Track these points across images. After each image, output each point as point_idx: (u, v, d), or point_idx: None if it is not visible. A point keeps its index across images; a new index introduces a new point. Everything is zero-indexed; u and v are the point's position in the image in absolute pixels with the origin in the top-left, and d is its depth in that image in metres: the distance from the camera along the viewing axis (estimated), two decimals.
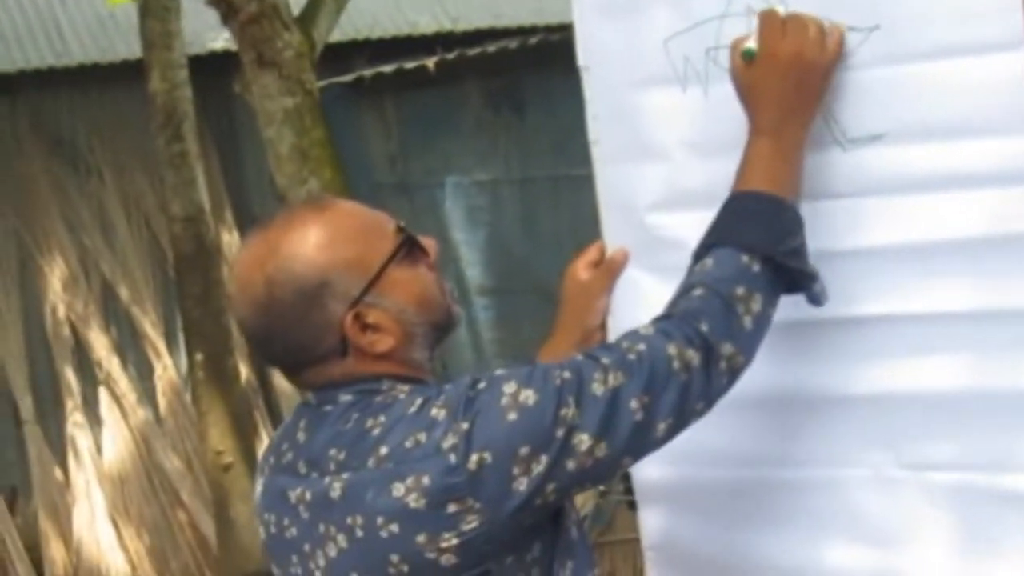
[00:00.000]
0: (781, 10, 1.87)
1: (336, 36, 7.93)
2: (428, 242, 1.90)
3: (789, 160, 1.86)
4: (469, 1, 10.84)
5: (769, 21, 1.86)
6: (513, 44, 8.23)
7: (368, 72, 8.36)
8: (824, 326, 1.94)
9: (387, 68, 8.31)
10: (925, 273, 1.86)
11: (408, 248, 1.86)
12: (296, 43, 5.93)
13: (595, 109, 2.15)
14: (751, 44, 1.86)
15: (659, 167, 2.06)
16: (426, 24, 10.54)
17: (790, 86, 1.83)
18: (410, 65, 8.19)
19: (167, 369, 8.05)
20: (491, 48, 8.14)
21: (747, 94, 1.88)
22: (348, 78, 8.32)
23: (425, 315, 1.86)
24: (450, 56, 8.03)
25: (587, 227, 2.19)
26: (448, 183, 8.46)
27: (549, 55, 7.72)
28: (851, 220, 1.90)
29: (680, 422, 1.78)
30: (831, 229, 1.91)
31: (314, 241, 1.81)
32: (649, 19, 2.04)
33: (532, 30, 8.88)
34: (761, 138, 1.85)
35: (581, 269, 2.16)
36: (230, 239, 8.12)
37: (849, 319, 1.92)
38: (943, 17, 1.79)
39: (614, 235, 2.15)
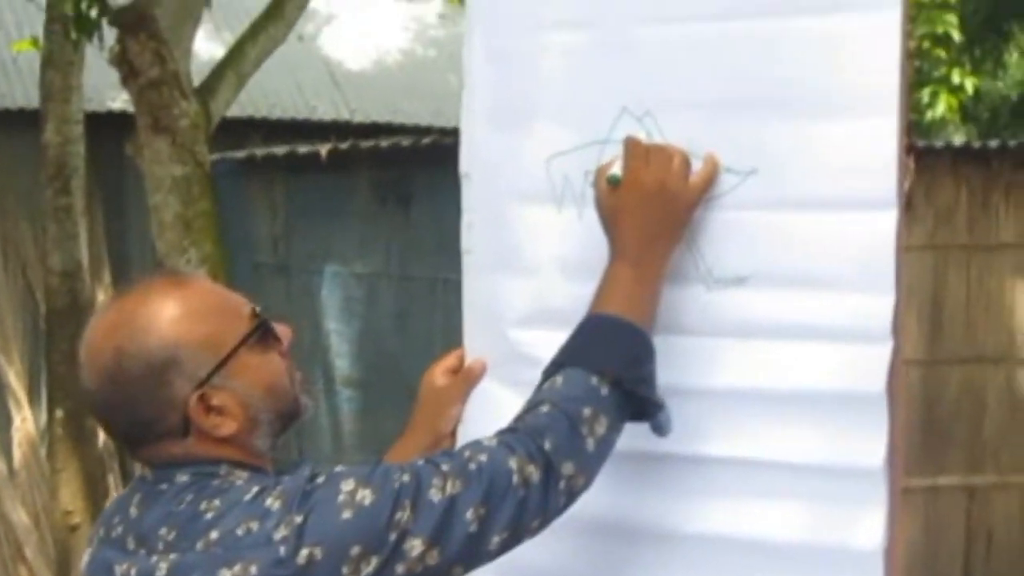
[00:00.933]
0: (644, 137, 1.90)
1: (234, 111, 7.95)
2: (283, 330, 1.88)
3: (647, 287, 1.87)
4: (370, 94, 10.95)
5: (634, 149, 1.88)
6: (406, 141, 8.28)
7: (260, 151, 8.36)
8: (668, 461, 1.94)
9: (280, 150, 8.32)
10: (772, 420, 1.87)
11: (262, 333, 1.84)
12: (193, 113, 5.94)
13: (471, 218, 2.16)
14: (616, 170, 1.88)
15: (527, 283, 2.07)
16: (324, 111, 10.60)
17: (652, 214, 1.86)
18: (303, 150, 8.21)
19: (26, 421, 7.94)
20: (384, 143, 8.18)
21: (610, 219, 1.90)
22: (240, 155, 8.32)
23: (272, 403, 1.84)
24: (343, 146, 8.05)
25: (459, 331, 2.19)
26: (327, 271, 8.45)
27: (441, 156, 7.74)
28: (706, 358, 1.92)
29: (514, 537, 1.78)
30: (685, 365, 1.92)
31: (168, 316, 1.79)
32: (535, 135, 2.06)
33: (427, 130, 8.95)
34: (621, 263, 1.87)
35: (438, 374, 2.16)
36: (105, 298, 8.02)
37: (693, 457, 1.93)
38: (822, 170, 1.83)
39: (476, 344, 2.15)
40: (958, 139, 14.65)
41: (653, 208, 1.86)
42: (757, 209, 1.87)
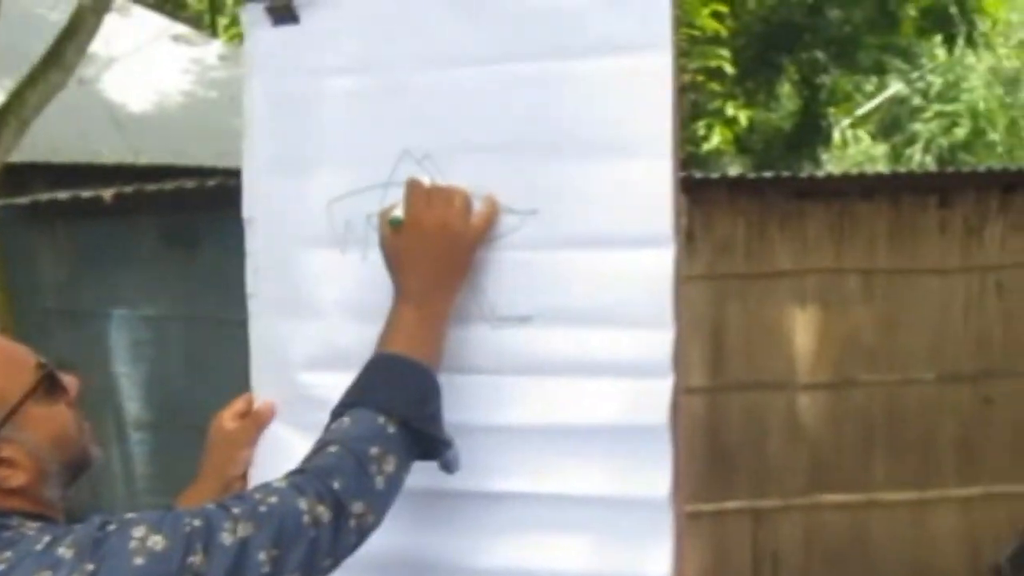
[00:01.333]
0: (426, 180, 1.92)
1: (17, 157, 7.79)
2: (70, 380, 1.86)
3: (431, 327, 1.90)
4: (153, 137, 10.81)
5: (415, 190, 1.91)
6: (191, 184, 8.20)
7: (44, 197, 8.21)
8: (458, 497, 1.97)
9: (63, 195, 8.18)
10: (559, 455, 1.91)
11: (48, 385, 1.82)
12: None
13: (255, 262, 2.15)
14: (398, 212, 1.91)
15: (313, 325, 2.08)
16: (108, 154, 10.43)
17: (435, 255, 1.89)
18: (87, 194, 8.08)
19: None
20: (168, 186, 8.09)
21: (393, 261, 1.92)
22: (24, 200, 8.15)
23: (60, 454, 1.83)
24: (128, 189, 7.94)
25: (248, 373, 2.18)
26: (115, 315, 8.32)
27: (226, 198, 7.68)
28: (493, 396, 1.95)
29: None
30: (473, 403, 1.95)
31: None
32: (317, 179, 2.07)
33: (212, 171, 8.87)
34: (405, 304, 1.90)
35: (227, 419, 2.16)
36: None
37: (482, 493, 1.96)
38: (599, 209, 1.87)
39: (264, 387, 2.15)
40: (734, 170, 15.02)
41: (435, 249, 1.89)
42: (538, 249, 1.91)
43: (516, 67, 1.92)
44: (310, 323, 2.08)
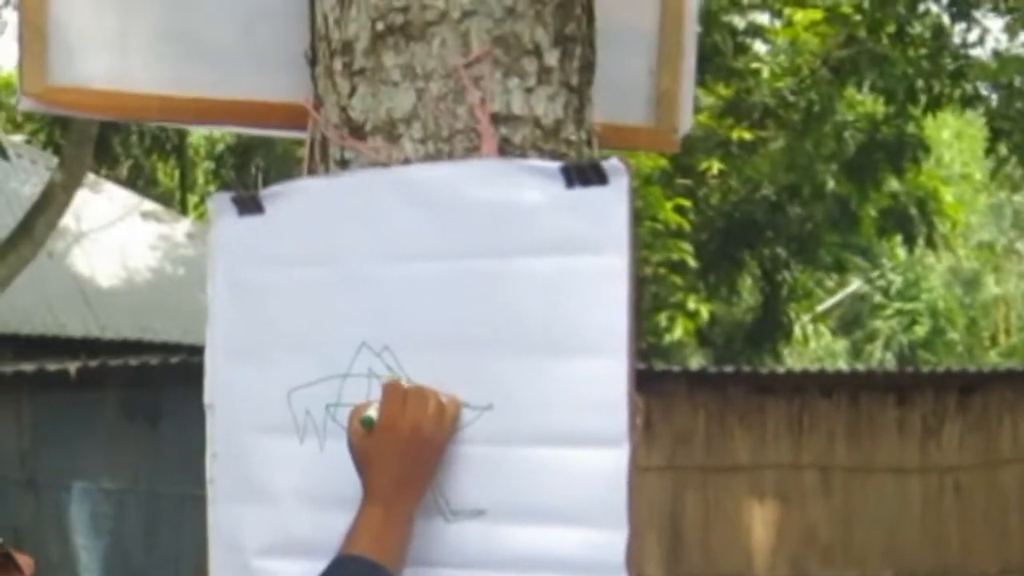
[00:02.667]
0: (404, 382, 1.93)
1: None
2: (24, 560, 1.86)
3: (397, 528, 1.90)
4: (120, 311, 10.86)
5: (392, 393, 1.91)
6: (155, 359, 8.22)
7: (8, 368, 8.23)
8: None
9: (28, 366, 8.19)
10: None
11: (2, 564, 1.82)
12: None
13: (215, 448, 2.15)
14: (372, 412, 1.91)
15: (268, 512, 2.07)
16: (74, 327, 10.46)
17: (406, 459, 1.89)
18: (52, 367, 8.09)
19: None
20: (133, 361, 8.11)
21: (363, 461, 1.92)
22: None
23: None
24: (92, 363, 7.96)
25: (207, 550, 2.17)
26: (75, 487, 8.28)
27: (190, 374, 7.70)
28: None
29: None
30: None
31: None
32: (276, 369, 2.08)
33: (177, 347, 8.90)
34: (373, 505, 1.90)
35: None
36: None
37: None
38: (554, 406, 1.88)
39: (220, 572, 2.13)
40: (695, 360, 15.10)
41: (407, 451, 1.89)
42: (493, 444, 1.91)
43: (474, 263, 1.94)
44: (266, 510, 2.08)
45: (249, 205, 2.11)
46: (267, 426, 2.09)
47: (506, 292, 1.92)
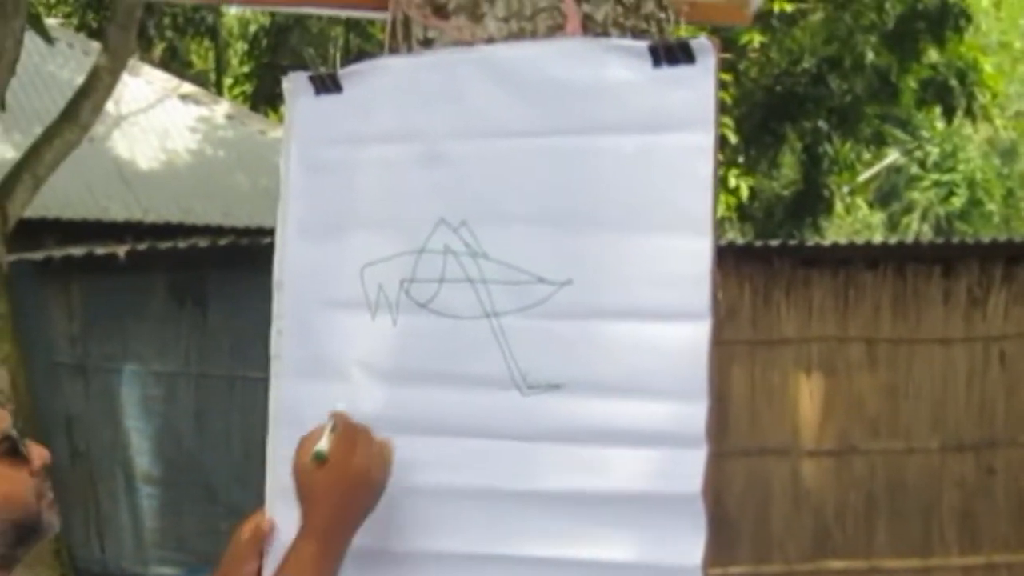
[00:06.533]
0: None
1: (28, 213, 7.84)
2: (38, 451, 1.90)
3: (329, 565, 1.91)
4: (160, 194, 10.88)
5: (345, 431, 1.91)
6: (203, 242, 8.24)
7: (58, 253, 8.26)
8: (488, 562, 1.97)
9: (77, 251, 8.23)
10: (590, 522, 1.92)
11: (9, 450, 1.86)
12: None
13: (281, 324, 2.16)
14: (323, 446, 1.90)
15: (338, 388, 2.08)
16: (116, 211, 10.50)
17: (350, 498, 1.90)
18: (100, 251, 8.12)
19: None
20: (181, 244, 8.13)
21: (307, 493, 1.92)
22: (38, 256, 8.21)
23: (8, 513, 1.86)
24: (141, 247, 7.99)
25: (257, 430, 2.18)
26: (126, 370, 8.36)
27: (237, 257, 7.77)
28: (523, 463, 1.95)
29: None
30: (501, 468, 1.96)
31: None
32: (349, 245, 2.08)
33: (219, 230, 8.93)
34: (308, 540, 1.89)
35: (245, 530, 2.14)
36: None
37: (513, 558, 1.96)
38: (635, 282, 1.88)
39: (281, 449, 2.13)
40: (733, 236, 15.05)
41: (352, 492, 1.89)
42: (572, 319, 1.92)
43: (558, 140, 1.93)
44: (335, 385, 2.08)
45: (327, 84, 2.11)
46: (339, 301, 2.10)
47: (590, 169, 1.92)
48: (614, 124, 1.91)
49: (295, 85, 2.13)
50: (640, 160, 1.89)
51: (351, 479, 1.87)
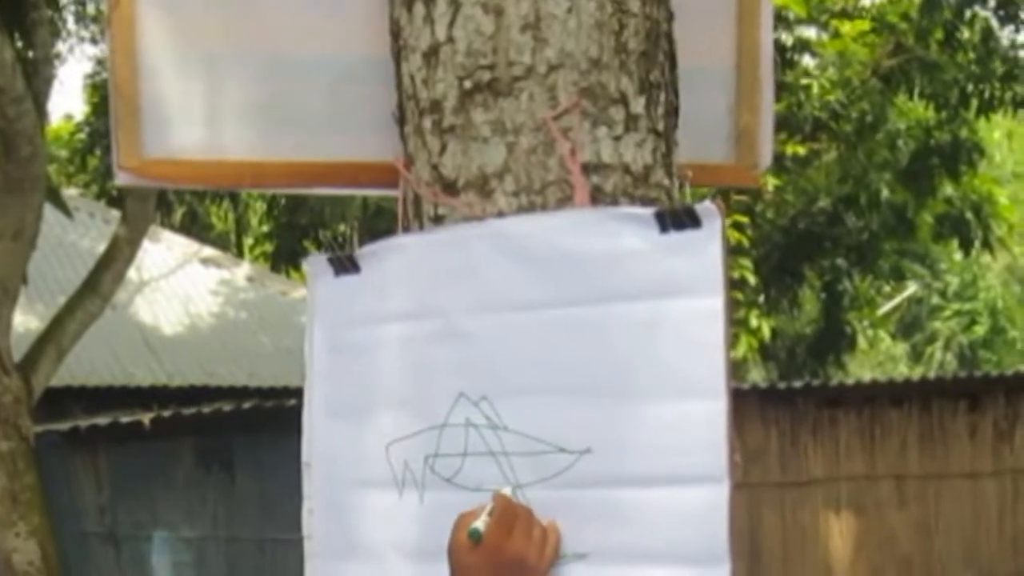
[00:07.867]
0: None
1: (53, 381, 7.89)
2: None
3: None
4: (184, 359, 10.95)
5: (504, 512, 1.88)
6: (227, 406, 8.28)
7: (84, 423, 8.32)
8: None
9: (103, 420, 8.27)
10: None
11: None
12: (15, 388, 5.92)
13: (311, 504, 2.17)
14: (480, 525, 1.86)
15: (370, 568, 2.08)
16: (142, 377, 10.56)
17: None
18: (125, 419, 8.17)
19: None
20: (206, 408, 8.17)
21: (459, 572, 1.90)
22: (64, 427, 8.26)
23: None
24: (166, 414, 8.03)
25: None
26: (156, 537, 8.35)
27: (262, 419, 7.80)
28: None
29: None
30: None
31: None
32: (374, 424, 2.10)
33: (244, 391, 8.97)
34: None
35: None
36: None
37: None
38: (652, 449, 1.89)
39: None
40: (757, 375, 15.03)
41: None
42: (592, 487, 1.92)
43: (571, 311, 1.95)
44: (366, 565, 2.09)
45: (345, 265, 2.15)
46: (366, 480, 2.11)
47: (604, 338, 1.94)
48: (625, 292, 1.93)
49: (315, 268, 2.17)
50: (651, 327, 1.91)
51: (503, 565, 1.84)
